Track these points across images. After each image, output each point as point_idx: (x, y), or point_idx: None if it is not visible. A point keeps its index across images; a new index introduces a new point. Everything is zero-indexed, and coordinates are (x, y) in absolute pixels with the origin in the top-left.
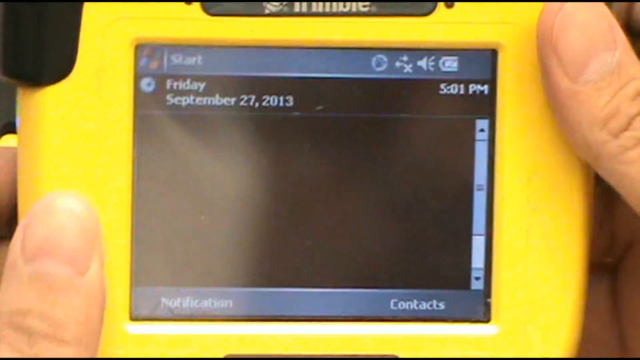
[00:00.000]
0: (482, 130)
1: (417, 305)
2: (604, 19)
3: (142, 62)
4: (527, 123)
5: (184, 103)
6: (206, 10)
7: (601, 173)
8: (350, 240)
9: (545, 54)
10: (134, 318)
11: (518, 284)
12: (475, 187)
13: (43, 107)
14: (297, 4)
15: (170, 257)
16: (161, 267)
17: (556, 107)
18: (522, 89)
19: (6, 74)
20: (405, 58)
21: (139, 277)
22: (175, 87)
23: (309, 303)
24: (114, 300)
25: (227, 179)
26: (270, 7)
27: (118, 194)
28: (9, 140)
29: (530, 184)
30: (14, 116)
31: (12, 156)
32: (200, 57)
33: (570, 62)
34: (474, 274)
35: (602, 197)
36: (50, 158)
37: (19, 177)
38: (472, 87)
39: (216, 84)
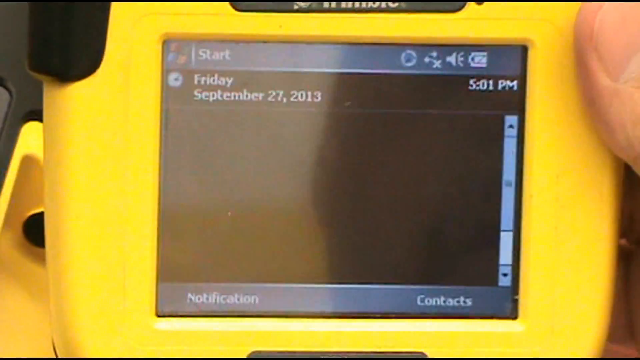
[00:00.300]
0: (511, 126)
1: (444, 302)
2: None
3: (170, 57)
4: (557, 120)
5: (211, 98)
6: (235, 6)
7: None
8: (376, 236)
9: (584, 53)
10: (159, 314)
11: (546, 281)
12: (503, 183)
13: (70, 103)
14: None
15: (197, 252)
16: (187, 263)
17: (594, 105)
18: (552, 85)
19: (33, 69)
20: (434, 54)
21: (165, 272)
22: (202, 82)
23: (335, 299)
24: (140, 296)
25: (254, 174)
26: (300, 3)
27: (145, 189)
28: (32, 127)
29: (559, 180)
30: (36, 104)
31: None
32: (228, 52)
33: (611, 60)
34: (501, 270)
35: (625, 178)
36: (77, 154)
37: (45, 172)
38: (502, 83)
39: (244, 79)
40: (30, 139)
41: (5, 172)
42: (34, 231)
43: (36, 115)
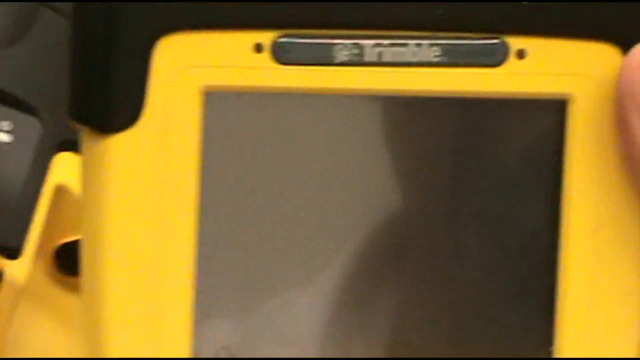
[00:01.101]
0: None
1: None
2: None
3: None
4: (596, 175)
5: None
6: (276, 59)
7: None
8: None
9: (627, 111)
10: (195, 356)
11: None
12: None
13: (109, 154)
14: (367, 53)
15: (233, 299)
16: (224, 308)
17: (636, 163)
18: (591, 141)
19: (74, 118)
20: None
21: (201, 315)
22: None
23: None
24: (176, 336)
25: (291, 230)
26: (341, 56)
27: (183, 243)
28: (64, 158)
29: (595, 235)
30: (69, 134)
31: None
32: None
33: None
34: None
35: None
36: (115, 205)
37: (82, 221)
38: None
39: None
40: (62, 169)
41: (37, 202)
42: (63, 260)
43: (68, 145)
